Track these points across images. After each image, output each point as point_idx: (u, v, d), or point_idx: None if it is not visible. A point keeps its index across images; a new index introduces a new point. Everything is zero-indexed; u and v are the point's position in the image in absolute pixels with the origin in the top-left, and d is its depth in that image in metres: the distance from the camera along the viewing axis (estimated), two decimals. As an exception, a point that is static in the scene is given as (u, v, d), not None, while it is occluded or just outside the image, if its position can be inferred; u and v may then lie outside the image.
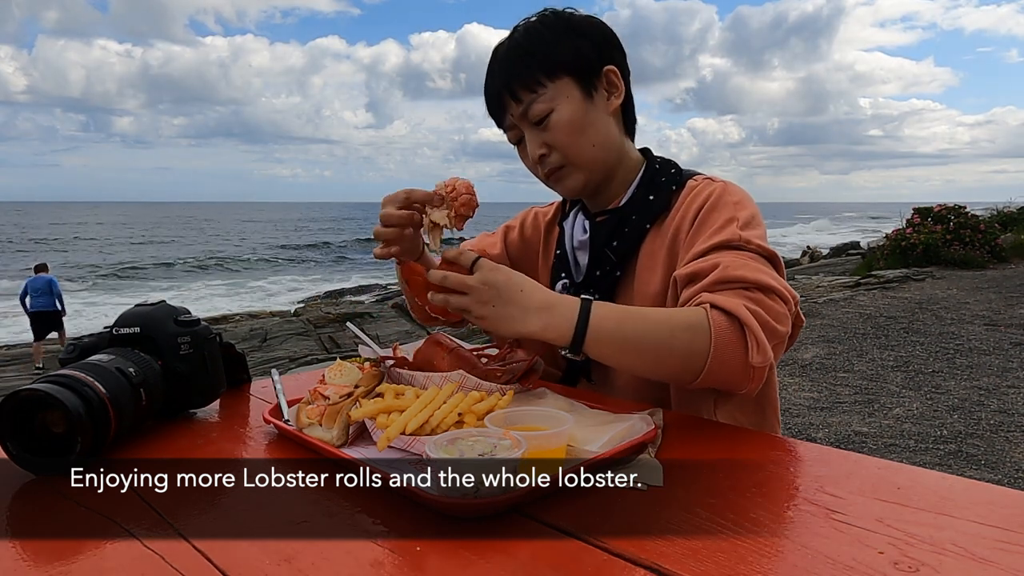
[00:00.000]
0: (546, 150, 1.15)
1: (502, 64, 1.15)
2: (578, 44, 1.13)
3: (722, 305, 0.91)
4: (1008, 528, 0.63)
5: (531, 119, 1.13)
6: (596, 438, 0.81)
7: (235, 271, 28.66)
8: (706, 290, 0.96)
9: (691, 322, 0.91)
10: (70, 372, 0.85)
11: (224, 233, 59.52)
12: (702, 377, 0.92)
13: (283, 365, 7.11)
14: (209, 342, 1.05)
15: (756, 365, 0.91)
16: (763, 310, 0.92)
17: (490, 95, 1.18)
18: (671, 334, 0.92)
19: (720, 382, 0.94)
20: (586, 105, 1.13)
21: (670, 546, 0.61)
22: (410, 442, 0.81)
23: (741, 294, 0.94)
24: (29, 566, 0.62)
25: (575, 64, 1.12)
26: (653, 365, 0.95)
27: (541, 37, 1.13)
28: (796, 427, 4.07)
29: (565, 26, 1.14)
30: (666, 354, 0.92)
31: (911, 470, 0.77)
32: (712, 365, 0.90)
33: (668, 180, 1.19)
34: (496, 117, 1.20)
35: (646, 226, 1.16)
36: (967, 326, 6.57)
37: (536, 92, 1.11)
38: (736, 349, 0.90)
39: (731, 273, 0.96)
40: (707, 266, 0.99)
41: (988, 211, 14.65)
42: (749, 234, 1.02)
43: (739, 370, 0.91)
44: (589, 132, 1.14)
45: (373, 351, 1.08)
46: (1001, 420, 4.08)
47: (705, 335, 0.90)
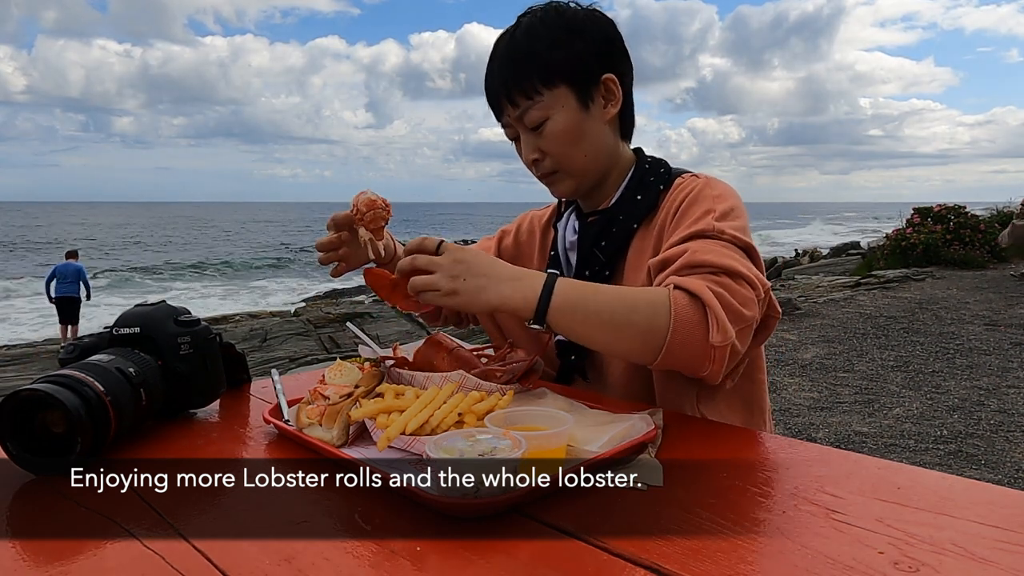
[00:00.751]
0: (539, 155, 1.16)
1: (501, 64, 1.15)
2: (578, 50, 1.12)
3: (685, 286, 0.92)
4: (1008, 528, 0.63)
5: (527, 124, 1.13)
6: (596, 438, 0.81)
7: (235, 271, 28.64)
8: (673, 274, 0.97)
9: (652, 299, 0.92)
10: (70, 372, 0.85)
11: (224, 233, 59.53)
12: (662, 355, 0.91)
13: (283, 365, 7.11)
14: (209, 342, 1.05)
15: (716, 344, 0.90)
16: (728, 293, 0.93)
17: (489, 93, 1.18)
18: (632, 309, 0.92)
19: (680, 362, 0.94)
20: (581, 115, 1.13)
21: (670, 546, 0.61)
22: (410, 442, 0.81)
23: (706, 277, 0.94)
24: (29, 566, 0.62)
25: (573, 73, 1.12)
26: (613, 339, 0.95)
27: (541, 39, 1.12)
28: (796, 427, 4.07)
29: (567, 28, 1.13)
30: (626, 329, 0.93)
31: (911, 470, 0.77)
32: (672, 342, 0.90)
33: (656, 180, 1.19)
34: (494, 113, 1.21)
35: (633, 226, 1.17)
36: (967, 326, 6.57)
37: (532, 99, 1.11)
38: (696, 328, 0.90)
39: (698, 258, 0.96)
40: (676, 252, 1.00)
41: (988, 211, 14.65)
42: (724, 224, 1.02)
43: (699, 350, 0.91)
44: (582, 142, 1.15)
45: (373, 351, 1.08)
46: (1001, 420, 4.08)
47: (665, 313, 0.90)
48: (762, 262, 1.04)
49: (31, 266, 29.33)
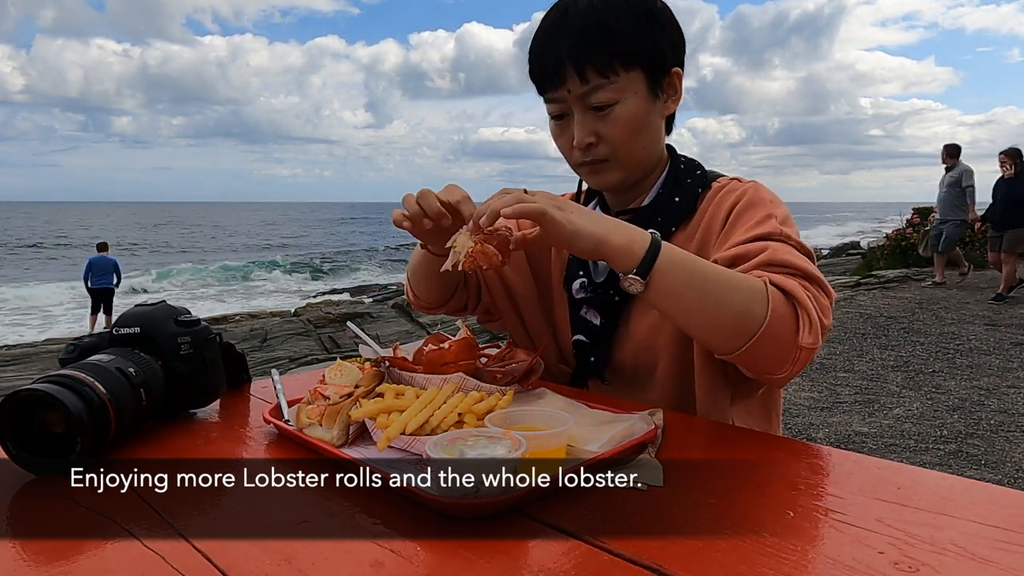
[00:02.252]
0: (595, 139, 1.08)
1: (574, 30, 1.04)
2: (658, 37, 1.07)
3: (779, 282, 0.88)
4: (1008, 528, 0.63)
5: (591, 104, 1.05)
6: (596, 438, 0.81)
7: (236, 271, 28.66)
8: (756, 269, 0.92)
9: (752, 284, 0.87)
10: (70, 372, 0.85)
11: (224, 233, 59.56)
12: (750, 344, 0.86)
13: (283, 365, 7.11)
14: (209, 342, 1.05)
15: (804, 346, 0.87)
16: (813, 298, 0.89)
17: (548, 60, 1.07)
18: (734, 288, 0.87)
19: (764, 356, 0.89)
20: (649, 105, 1.08)
21: (670, 546, 0.61)
22: (410, 442, 0.81)
23: (794, 278, 0.90)
24: (29, 566, 0.62)
25: (652, 59, 1.06)
26: (708, 314, 0.88)
27: (624, 17, 1.04)
28: (796, 427, 4.07)
29: (649, 12, 1.07)
30: (725, 306, 0.87)
31: (911, 470, 0.77)
32: (765, 333, 0.85)
33: (693, 182, 1.15)
34: (544, 85, 1.09)
35: (671, 229, 1.12)
36: (967, 326, 6.57)
37: (608, 78, 1.04)
38: (790, 325, 0.87)
39: (779, 257, 0.93)
40: (754, 248, 0.95)
41: (988, 211, 14.64)
42: (788, 230, 1.00)
43: (787, 348, 0.87)
44: (644, 133, 1.09)
45: (373, 351, 1.08)
46: (1001, 420, 4.08)
47: (764, 301, 0.86)
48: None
49: (64, 265, 29.19)
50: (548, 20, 1.08)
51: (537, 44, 1.09)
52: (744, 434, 0.94)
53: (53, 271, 27.48)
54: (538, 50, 1.09)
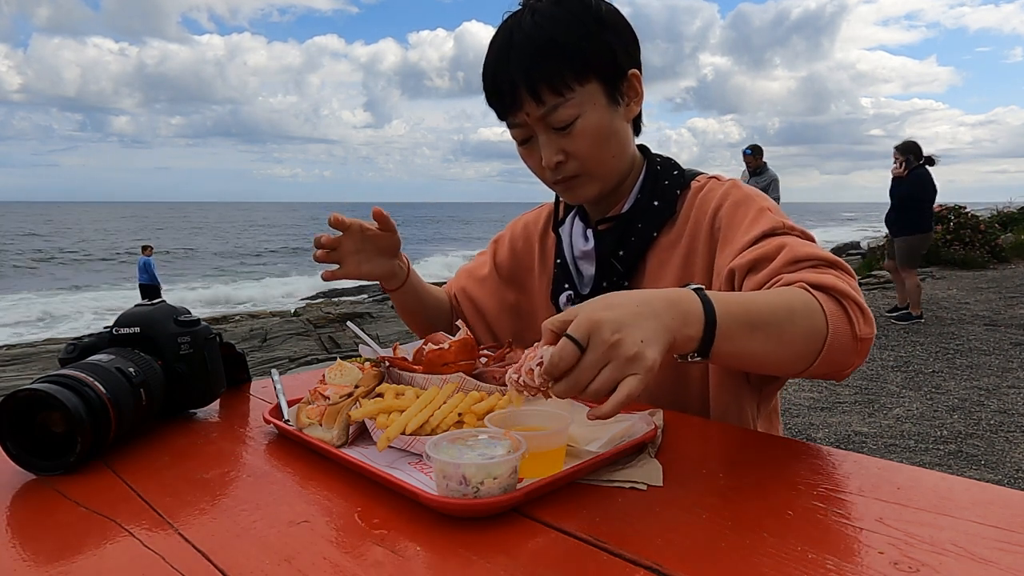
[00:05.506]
0: (563, 157, 1.06)
1: (522, 53, 1.02)
2: (610, 43, 1.04)
3: (816, 282, 0.85)
4: (1008, 528, 0.63)
5: (551, 124, 1.03)
6: (596, 438, 0.81)
7: (236, 271, 28.65)
8: (783, 272, 0.90)
9: (805, 301, 0.83)
10: (70, 372, 0.85)
11: (225, 233, 59.55)
12: (819, 359, 0.83)
13: (283, 365, 7.11)
14: (209, 342, 1.05)
15: (864, 337, 0.85)
16: (848, 284, 0.87)
17: (501, 87, 1.04)
18: (790, 316, 0.82)
19: (833, 364, 0.86)
20: (611, 113, 1.06)
21: (670, 546, 0.61)
22: (410, 442, 0.81)
23: (824, 270, 0.88)
24: (29, 566, 0.62)
25: (605, 67, 1.04)
26: (774, 351, 0.81)
27: (570, 29, 1.01)
28: (796, 427, 4.07)
29: (595, 19, 1.03)
30: (789, 336, 0.81)
31: (911, 470, 0.77)
32: (831, 343, 0.83)
33: (671, 183, 1.14)
34: (502, 110, 1.08)
35: (653, 234, 1.11)
36: (967, 326, 6.57)
37: (563, 96, 1.01)
38: (846, 325, 0.84)
39: (801, 252, 0.91)
40: (771, 249, 0.93)
41: (988, 211, 14.64)
42: (787, 220, 0.99)
43: (850, 346, 0.85)
44: (612, 142, 1.07)
45: (373, 351, 1.08)
46: (1001, 420, 4.08)
47: (820, 314, 0.83)
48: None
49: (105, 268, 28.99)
50: (496, 44, 1.05)
51: (489, 70, 1.06)
52: (744, 434, 0.94)
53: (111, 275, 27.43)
54: (491, 76, 1.06)
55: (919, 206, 6.64)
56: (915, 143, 6.78)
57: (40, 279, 26.82)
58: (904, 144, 6.75)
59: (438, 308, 1.37)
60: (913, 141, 6.80)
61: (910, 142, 6.76)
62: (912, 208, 6.61)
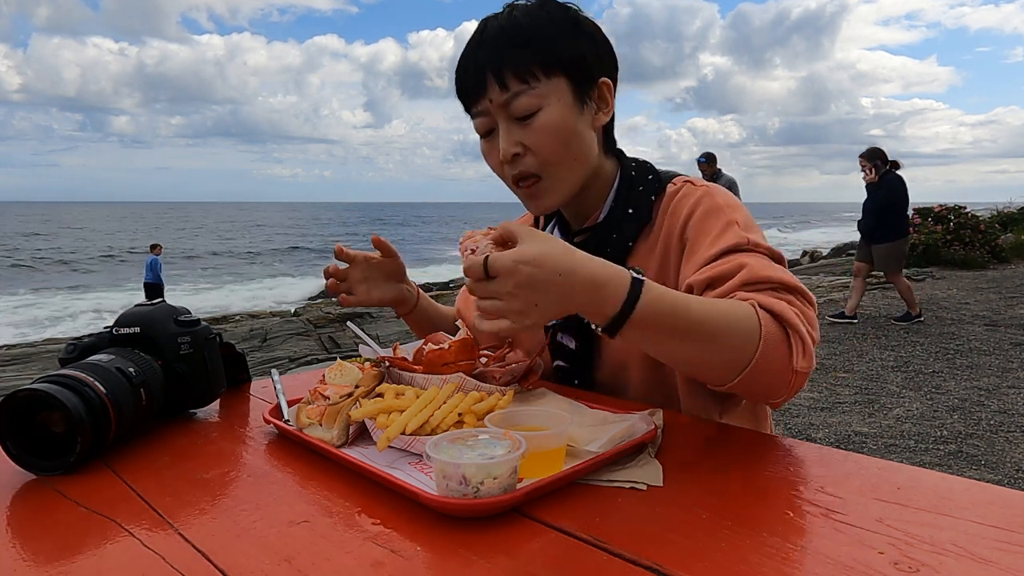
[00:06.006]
0: (521, 150, 1.04)
1: (493, 42, 1.03)
2: (583, 45, 1.05)
3: (767, 305, 0.85)
4: (1008, 528, 0.63)
5: (513, 112, 1.02)
6: (596, 438, 0.81)
7: (236, 271, 28.67)
8: (738, 292, 0.89)
9: (745, 318, 0.83)
10: (70, 372, 0.85)
11: (225, 233, 59.56)
12: (742, 377, 0.84)
13: (283, 365, 7.10)
14: (209, 342, 1.05)
15: (800, 370, 0.84)
16: (802, 313, 0.86)
17: (468, 72, 1.05)
18: (722, 328, 0.82)
19: (759, 385, 0.86)
20: (575, 113, 1.04)
21: (670, 546, 0.61)
22: (410, 442, 0.81)
23: (776, 295, 0.87)
24: (29, 566, 0.62)
25: (575, 66, 1.03)
26: (695, 356, 0.85)
27: (544, 25, 1.03)
28: (796, 427, 4.07)
29: (572, 22, 1.05)
30: (713, 348, 0.83)
31: (911, 470, 0.77)
32: (757, 365, 0.82)
33: (646, 188, 1.12)
34: (468, 99, 1.07)
35: (629, 243, 1.10)
36: (967, 326, 6.57)
37: (528, 83, 1.01)
38: (782, 350, 0.84)
39: (760, 273, 0.90)
40: (730, 268, 0.92)
41: (988, 211, 14.65)
42: (754, 236, 0.98)
43: (781, 375, 0.84)
44: (573, 143, 1.05)
45: (373, 351, 1.08)
46: (1001, 420, 4.08)
47: (755, 335, 0.82)
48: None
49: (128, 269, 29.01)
50: (471, 37, 1.07)
51: (460, 60, 1.07)
52: (744, 434, 0.94)
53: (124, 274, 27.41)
54: (461, 65, 1.07)
55: (897, 211, 6.60)
56: (880, 149, 6.71)
57: (40, 279, 26.84)
58: (870, 151, 6.68)
59: (450, 329, 1.37)
60: (878, 147, 6.72)
61: (875, 148, 6.70)
62: (891, 213, 6.56)
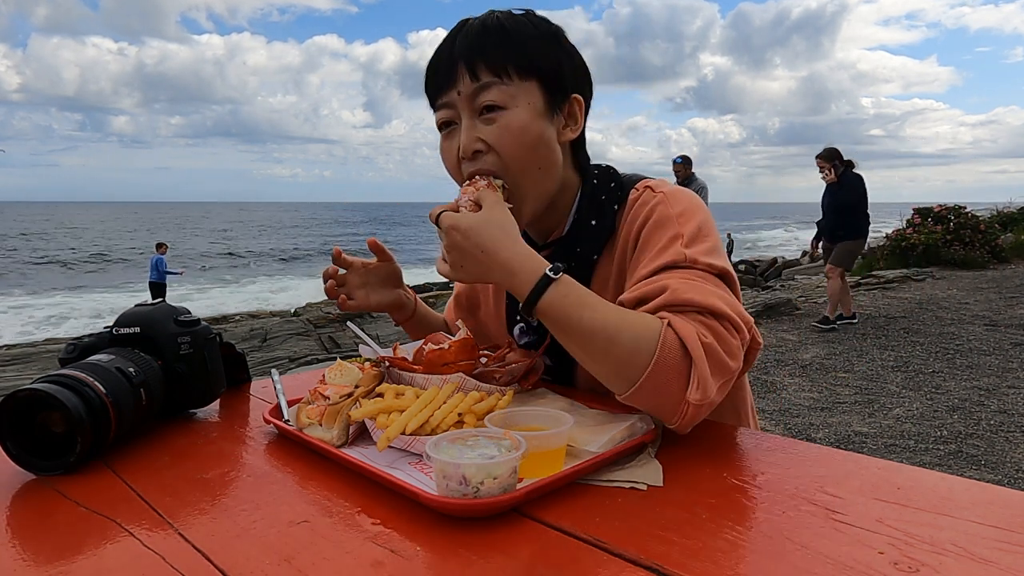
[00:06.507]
0: (483, 147, 1.00)
1: (471, 36, 1.01)
2: (560, 57, 1.04)
3: (678, 329, 0.83)
4: (1008, 528, 0.63)
5: (478, 105, 1.00)
6: (596, 438, 0.81)
7: (236, 271, 28.68)
8: (662, 311, 0.87)
9: (639, 332, 0.83)
10: (70, 372, 0.85)
11: (225, 233, 59.57)
12: (633, 391, 0.83)
13: (283, 365, 7.11)
14: (209, 342, 1.05)
15: (692, 402, 0.81)
16: (717, 342, 0.84)
17: (440, 61, 1.03)
18: (614, 338, 0.83)
19: (650, 405, 0.85)
20: (543, 120, 1.02)
21: (670, 546, 0.61)
22: (410, 442, 0.81)
23: (696, 320, 0.85)
24: (29, 566, 0.62)
25: (550, 74, 1.02)
26: (585, 360, 0.88)
27: (525, 30, 1.02)
28: (796, 427, 4.07)
29: (553, 35, 1.05)
30: (601, 357, 0.85)
31: (911, 470, 0.77)
32: (645, 384, 0.82)
33: (609, 198, 1.09)
34: (436, 89, 1.04)
35: (594, 256, 1.08)
36: (967, 326, 6.57)
37: (500, 78, 0.99)
38: (676, 379, 0.81)
39: (681, 297, 0.86)
40: (654, 289, 0.89)
41: (988, 211, 14.65)
42: (695, 251, 0.94)
43: (672, 401, 0.82)
44: (540, 150, 1.02)
45: (373, 351, 1.08)
46: (1001, 420, 4.08)
47: (650, 351, 0.81)
48: (739, 287, 0.97)
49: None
50: (449, 32, 1.06)
51: (435, 52, 1.06)
52: (744, 435, 0.94)
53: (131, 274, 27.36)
54: (434, 56, 1.05)
55: (859, 210, 6.55)
56: (836, 149, 6.62)
57: (40, 279, 26.84)
58: (827, 151, 6.61)
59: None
60: (834, 148, 6.63)
61: (832, 148, 6.63)
62: (851, 213, 6.52)
